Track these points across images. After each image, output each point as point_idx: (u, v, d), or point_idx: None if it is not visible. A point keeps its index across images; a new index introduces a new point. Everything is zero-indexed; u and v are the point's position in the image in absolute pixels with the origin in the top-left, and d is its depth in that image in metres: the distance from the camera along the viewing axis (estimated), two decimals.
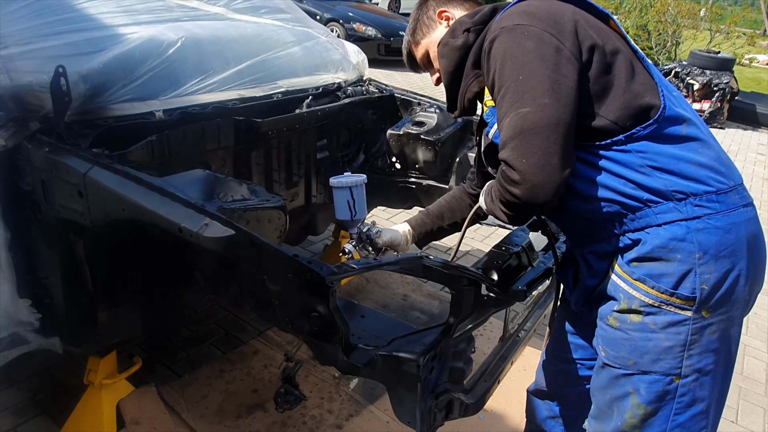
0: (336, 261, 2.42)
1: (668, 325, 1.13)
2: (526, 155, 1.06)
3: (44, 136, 1.46)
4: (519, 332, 1.75)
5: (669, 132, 1.12)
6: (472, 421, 2.09)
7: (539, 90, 1.07)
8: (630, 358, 1.18)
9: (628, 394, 1.20)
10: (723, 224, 1.12)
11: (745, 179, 5.49)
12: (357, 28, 9.54)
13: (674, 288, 1.11)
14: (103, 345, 1.76)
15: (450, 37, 1.31)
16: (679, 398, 1.16)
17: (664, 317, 1.13)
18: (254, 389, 2.19)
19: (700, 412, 1.18)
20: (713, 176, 1.13)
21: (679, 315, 1.12)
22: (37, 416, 2.00)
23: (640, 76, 1.14)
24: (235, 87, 1.99)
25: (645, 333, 1.15)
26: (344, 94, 2.43)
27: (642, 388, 1.17)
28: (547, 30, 1.10)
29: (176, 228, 1.23)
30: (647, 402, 1.17)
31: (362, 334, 1.27)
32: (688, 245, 1.10)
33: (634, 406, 1.19)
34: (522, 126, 1.07)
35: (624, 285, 1.17)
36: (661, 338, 1.14)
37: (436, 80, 1.46)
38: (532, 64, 1.08)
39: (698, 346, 1.13)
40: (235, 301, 1.56)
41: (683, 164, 1.11)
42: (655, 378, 1.16)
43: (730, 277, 1.12)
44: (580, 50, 1.11)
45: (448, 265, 1.23)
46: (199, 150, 1.85)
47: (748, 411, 2.54)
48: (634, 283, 1.15)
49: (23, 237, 1.56)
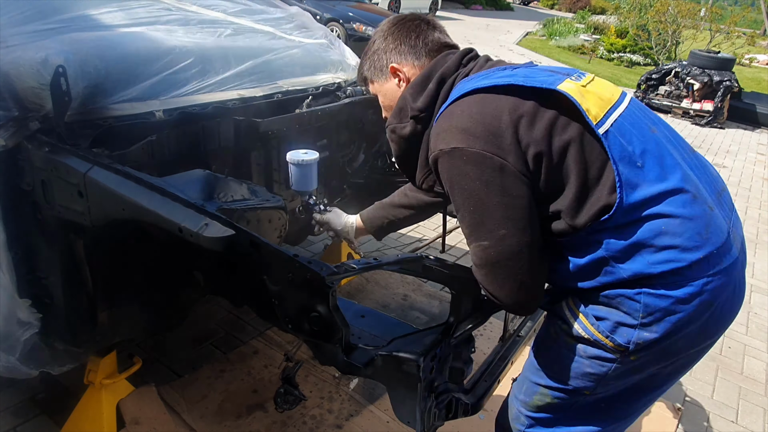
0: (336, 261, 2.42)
1: (596, 357, 1.18)
2: (498, 284, 1.12)
3: (44, 136, 1.46)
4: (519, 332, 1.75)
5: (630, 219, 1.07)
6: (472, 421, 2.09)
7: (493, 221, 1.07)
8: (553, 365, 1.27)
9: (541, 385, 1.30)
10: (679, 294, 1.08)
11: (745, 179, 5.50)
12: (357, 28, 9.54)
13: (611, 333, 1.14)
14: (103, 345, 1.76)
15: (397, 121, 1.31)
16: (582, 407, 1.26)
17: (595, 350, 1.18)
18: (254, 389, 2.19)
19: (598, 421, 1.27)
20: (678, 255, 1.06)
21: (609, 354, 1.16)
22: (37, 416, 2.00)
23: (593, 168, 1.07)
24: (235, 87, 1.99)
25: (573, 354, 1.21)
26: (344, 94, 2.42)
27: (553, 387, 1.27)
28: (486, 149, 1.06)
29: (176, 228, 1.23)
30: (555, 397, 1.28)
31: (362, 334, 1.27)
32: (635, 304, 1.10)
33: (543, 394, 1.30)
34: (486, 259, 1.11)
35: (569, 314, 1.21)
36: (586, 364, 1.20)
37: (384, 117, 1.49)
38: (480, 193, 1.07)
39: (616, 379, 1.19)
40: (235, 301, 1.56)
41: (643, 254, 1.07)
42: (567, 387, 1.25)
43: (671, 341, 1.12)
44: (525, 161, 1.07)
45: (448, 265, 1.23)
46: (199, 150, 1.84)
47: (748, 411, 2.54)
48: (579, 316, 1.19)
49: (23, 237, 1.56)
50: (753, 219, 4.92)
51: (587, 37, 16.25)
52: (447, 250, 3.61)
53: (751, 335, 3.16)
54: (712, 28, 12.54)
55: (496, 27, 18.68)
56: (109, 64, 1.63)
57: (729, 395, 2.61)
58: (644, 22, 13.55)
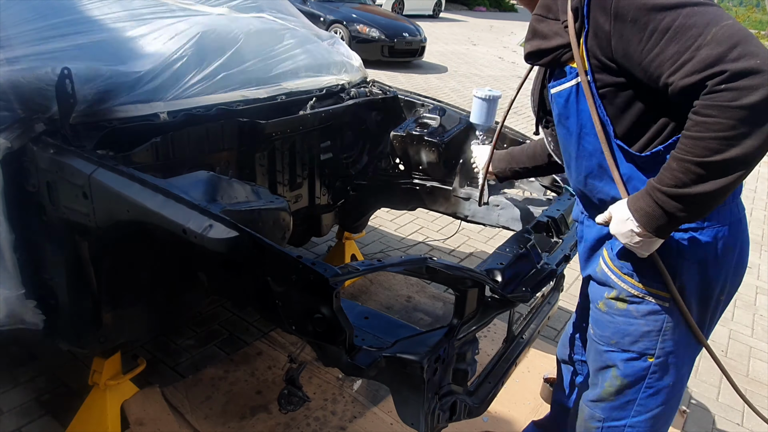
0: (340, 263, 2.42)
1: (648, 313, 1.28)
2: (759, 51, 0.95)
3: (49, 138, 1.47)
4: (523, 334, 1.75)
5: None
6: (476, 423, 2.09)
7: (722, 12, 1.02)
8: (612, 338, 1.34)
9: (609, 367, 1.37)
10: (709, 237, 1.21)
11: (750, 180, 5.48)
12: (360, 29, 9.55)
13: (655, 281, 1.24)
14: (107, 346, 1.76)
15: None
16: (651, 375, 1.32)
17: (646, 306, 1.27)
18: (258, 390, 2.20)
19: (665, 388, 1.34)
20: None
21: (658, 305, 1.26)
22: (42, 417, 2.01)
23: None
24: (239, 88, 1.99)
25: (627, 318, 1.30)
26: (348, 96, 2.43)
27: (620, 364, 1.34)
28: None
29: (180, 229, 1.23)
30: (624, 375, 1.34)
31: (366, 336, 1.26)
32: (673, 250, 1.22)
33: (613, 377, 1.36)
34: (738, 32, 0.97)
35: (614, 277, 1.30)
36: (641, 324, 1.29)
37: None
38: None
39: (671, 332, 1.28)
40: (238, 302, 1.57)
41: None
42: (632, 356, 1.32)
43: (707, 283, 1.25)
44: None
45: (452, 267, 1.23)
46: (203, 151, 1.85)
47: (754, 414, 2.52)
48: (623, 276, 1.29)
49: (28, 238, 1.57)
50: (758, 220, 4.89)
51: None
52: (450, 251, 3.60)
53: (756, 337, 3.14)
54: None
55: (499, 28, 18.67)
56: (112, 65, 1.64)
57: (734, 397, 2.60)
58: None
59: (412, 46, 9.95)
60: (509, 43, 15.27)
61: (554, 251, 1.58)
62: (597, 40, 1.14)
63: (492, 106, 1.99)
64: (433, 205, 2.50)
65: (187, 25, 1.91)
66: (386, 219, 3.96)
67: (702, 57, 0.97)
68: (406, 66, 10.04)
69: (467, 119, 2.38)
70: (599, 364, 1.40)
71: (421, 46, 10.17)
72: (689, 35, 0.99)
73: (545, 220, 1.67)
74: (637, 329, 1.29)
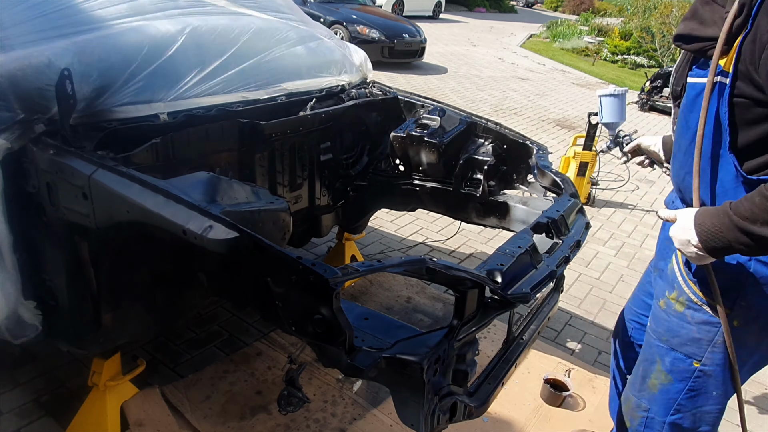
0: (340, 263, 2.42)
1: (703, 322, 1.30)
2: None
3: (49, 139, 1.47)
4: (523, 335, 1.75)
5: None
6: (476, 424, 2.09)
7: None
8: (664, 335, 1.39)
9: (656, 360, 1.41)
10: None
11: None
12: (361, 30, 9.55)
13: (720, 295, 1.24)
14: (107, 347, 1.76)
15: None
16: (695, 379, 1.35)
17: (701, 315, 1.30)
18: (258, 391, 2.19)
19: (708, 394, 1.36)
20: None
21: (714, 317, 1.27)
22: (42, 418, 2.01)
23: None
24: (239, 89, 1.99)
25: (681, 321, 1.34)
26: (348, 97, 2.43)
27: (667, 361, 1.39)
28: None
29: (180, 230, 1.23)
30: (669, 371, 1.38)
31: (365, 337, 1.26)
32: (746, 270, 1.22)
33: (658, 371, 1.41)
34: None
35: (680, 279, 1.33)
36: (693, 330, 1.32)
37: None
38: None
39: (722, 345, 1.29)
40: (238, 303, 1.56)
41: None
42: (679, 356, 1.36)
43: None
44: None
45: (452, 268, 1.23)
46: (203, 152, 1.85)
47: (755, 415, 2.52)
48: (689, 281, 1.31)
49: (28, 239, 1.56)
50: None
51: (591, 39, 16.22)
52: (450, 252, 3.60)
53: None
54: None
55: (499, 29, 18.68)
56: (113, 64, 1.64)
57: (734, 399, 2.60)
58: (648, 24, 13.53)
59: (412, 47, 9.95)
60: (509, 44, 15.28)
61: (554, 252, 1.58)
62: (752, 45, 1.06)
63: (622, 101, 1.98)
64: (433, 206, 2.50)
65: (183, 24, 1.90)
66: (386, 220, 3.96)
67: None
68: (406, 67, 10.04)
69: (467, 120, 2.38)
70: (649, 355, 1.45)
71: (421, 47, 10.18)
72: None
73: (545, 221, 1.67)
74: (687, 333, 1.33)
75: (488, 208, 2.29)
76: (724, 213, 1.09)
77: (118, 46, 1.70)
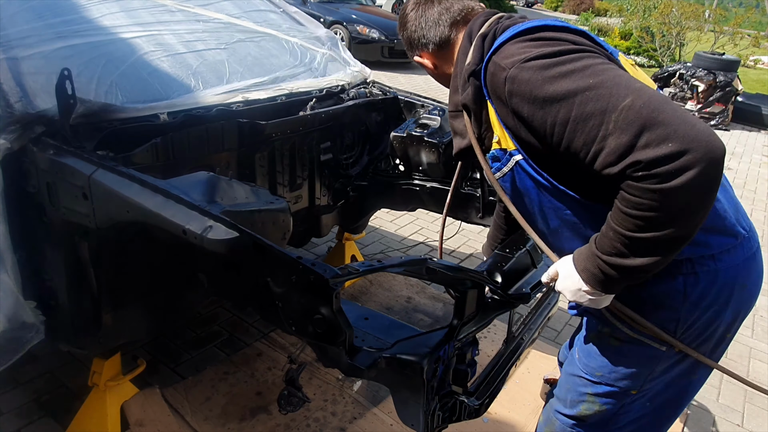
0: (340, 263, 2.42)
1: (643, 356, 1.22)
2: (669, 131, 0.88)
3: (49, 139, 1.47)
4: (523, 335, 1.75)
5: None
6: (476, 424, 2.09)
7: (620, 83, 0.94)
8: (598, 370, 1.29)
9: (588, 393, 1.32)
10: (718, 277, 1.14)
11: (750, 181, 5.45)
12: (360, 30, 9.55)
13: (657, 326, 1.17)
14: (107, 347, 1.76)
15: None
16: (631, 404, 1.28)
17: (642, 350, 1.21)
18: (258, 392, 2.19)
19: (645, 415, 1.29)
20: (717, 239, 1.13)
21: (655, 348, 1.20)
22: (42, 418, 2.01)
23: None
24: (239, 90, 2.00)
25: (619, 357, 1.25)
26: (348, 97, 2.43)
27: (601, 393, 1.29)
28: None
29: (180, 230, 1.23)
30: (603, 403, 1.30)
31: (366, 337, 1.26)
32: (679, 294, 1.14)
33: (591, 402, 1.32)
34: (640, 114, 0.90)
35: (611, 318, 1.23)
36: (632, 363, 1.23)
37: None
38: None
39: (661, 374, 1.24)
40: (238, 303, 1.56)
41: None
42: (614, 390, 1.27)
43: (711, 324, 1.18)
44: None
45: (452, 267, 1.23)
46: (203, 152, 1.85)
47: (754, 414, 2.52)
48: (620, 316, 1.20)
49: (28, 239, 1.56)
50: (758, 221, 4.89)
51: None
52: (450, 252, 3.60)
53: (756, 338, 3.14)
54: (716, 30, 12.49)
55: None
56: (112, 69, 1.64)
57: (734, 398, 2.60)
58: (648, 23, 13.52)
59: None
60: None
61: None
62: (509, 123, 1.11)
63: None
64: (433, 206, 2.50)
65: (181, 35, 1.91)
66: (386, 219, 3.96)
67: (612, 148, 0.92)
68: (406, 67, 10.04)
69: None
70: (579, 386, 1.34)
71: None
72: (590, 126, 0.94)
73: None
74: (626, 368, 1.24)
75: (488, 208, 2.29)
76: (593, 255, 1.05)
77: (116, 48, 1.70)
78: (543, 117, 1.00)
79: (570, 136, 0.98)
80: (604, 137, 0.93)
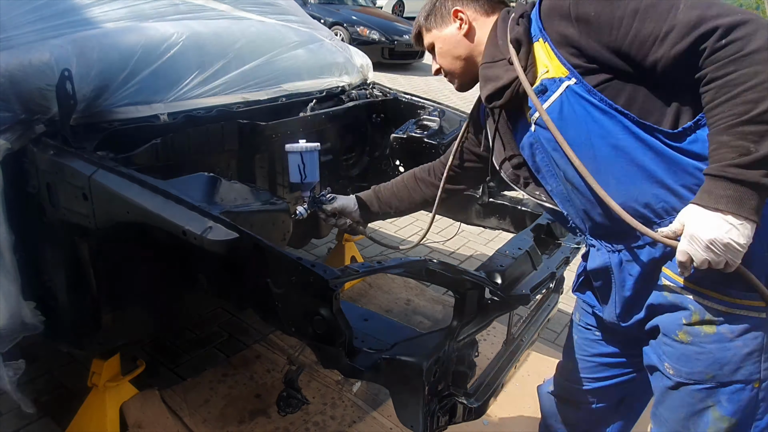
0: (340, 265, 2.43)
1: (745, 331, 1.08)
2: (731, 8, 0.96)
3: (49, 139, 1.47)
4: (522, 336, 1.74)
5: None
6: (475, 426, 2.08)
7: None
8: (708, 372, 1.12)
9: (708, 407, 1.14)
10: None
11: None
12: (361, 31, 9.58)
13: (747, 290, 1.05)
14: (106, 347, 1.76)
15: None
16: (760, 403, 1.12)
17: (740, 323, 1.08)
18: (257, 394, 2.19)
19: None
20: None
21: (754, 318, 1.07)
22: (41, 418, 2.00)
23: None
24: (239, 90, 2.00)
25: (722, 343, 1.09)
26: (348, 98, 2.43)
27: (723, 400, 1.12)
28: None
29: (180, 231, 1.23)
30: (731, 413, 1.12)
31: (365, 338, 1.26)
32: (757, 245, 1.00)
33: (716, 419, 1.13)
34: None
35: (692, 296, 1.10)
36: (739, 345, 1.08)
37: (435, 71, 1.47)
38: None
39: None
40: (238, 303, 1.56)
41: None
42: (736, 387, 1.11)
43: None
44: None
45: (452, 269, 1.23)
46: (204, 153, 1.85)
47: None
48: (704, 292, 1.08)
49: (28, 240, 1.56)
50: None
51: None
52: (450, 254, 3.60)
53: None
54: None
55: None
56: (113, 65, 1.64)
57: None
58: None
59: (412, 48, 9.96)
60: None
61: (554, 253, 1.58)
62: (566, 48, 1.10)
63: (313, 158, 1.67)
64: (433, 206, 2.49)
65: (186, 27, 1.90)
66: (386, 220, 3.96)
67: (684, 22, 0.96)
68: (407, 68, 10.06)
69: (466, 120, 2.38)
70: (691, 409, 1.16)
71: (421, 49, 10.19)
72: (661, 10, 0.99)
73: (545, 222, 1.67)
74: (736, 353, 1.08)
75: (488, 210, 2.29)
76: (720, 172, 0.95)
77: (117, 45, 1.70)
78: (611, 12, 1.03)
79: (639, 25, 1.01)
80: (675, 17, 0.97)
